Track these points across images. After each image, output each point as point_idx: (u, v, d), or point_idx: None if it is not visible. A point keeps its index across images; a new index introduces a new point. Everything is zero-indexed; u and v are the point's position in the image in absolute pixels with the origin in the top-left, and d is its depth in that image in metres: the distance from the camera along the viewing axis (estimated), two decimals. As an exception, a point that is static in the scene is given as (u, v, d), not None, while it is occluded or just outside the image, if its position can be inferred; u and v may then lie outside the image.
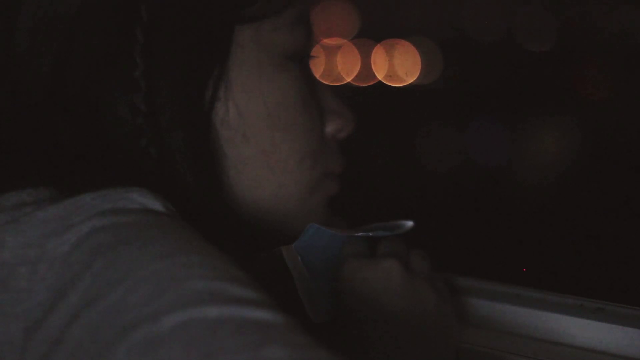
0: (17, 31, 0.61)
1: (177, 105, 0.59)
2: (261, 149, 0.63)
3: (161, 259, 0.45)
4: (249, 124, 0.63)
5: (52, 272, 0.47)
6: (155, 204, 0.52)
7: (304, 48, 0.67)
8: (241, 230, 0.64)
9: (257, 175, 0.64)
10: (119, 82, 0.59)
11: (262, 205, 0.65)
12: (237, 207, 0.64)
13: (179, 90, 0.59)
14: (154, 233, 0.49)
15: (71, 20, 0.60)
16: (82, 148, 0.59)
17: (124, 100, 0.58)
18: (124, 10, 0.59)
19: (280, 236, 0.68)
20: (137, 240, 0.47)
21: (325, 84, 0.71)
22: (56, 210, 0.51)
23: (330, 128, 0.69)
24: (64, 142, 0.59)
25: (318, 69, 0.75)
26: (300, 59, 0.67)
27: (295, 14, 0.65)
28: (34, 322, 0.46)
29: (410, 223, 0.75)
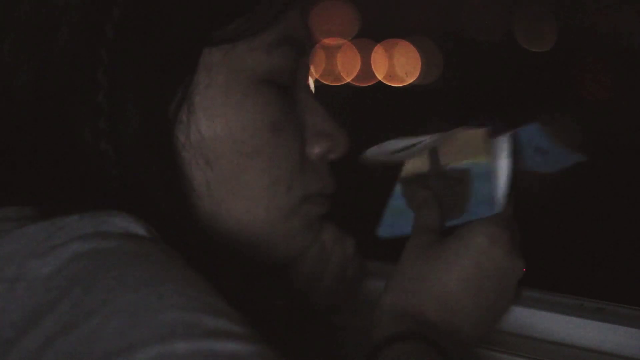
0: (3, 44, 0.62)
1: (138, 128, 0.59)
2: (225, 173, 0.62)
3: (136, 289, 0.46)
4: (212, 148, 0.61)
5: (30, 293, 0.47)
6: (137, 228, 0.51)
7: (285, 69, 0.64)
8: (216, 252, 0.63)
9: (221, 200, 0.62)
10: (83, 104, 0.58)
11: (231, 229, 0.63)
12: (208, 230, 0.63)
13: (140, 113, 0.59)
14: (131, 260, 0.48)
15: (46, 38, 0.60)
16: (57, 170, 0.59)
17: (87, 123, 0.58)
18: (89, 29, 0.59)
19: (259, 260, 0.67)
20: (116, 268, 0.47)
21: (318, 104, 0.69)
22: (36, 229, 0.51)
23: (317, 150, 0.67)
24: (42, 164, 0.59)
25: (318, 69, 0.75)
26: (281, 81, 0.65)
27: (276, 34, 0.63)
28: (5, 341, 0.46)
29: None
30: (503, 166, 0.68)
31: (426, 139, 0.69)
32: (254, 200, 0.64)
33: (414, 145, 0.70)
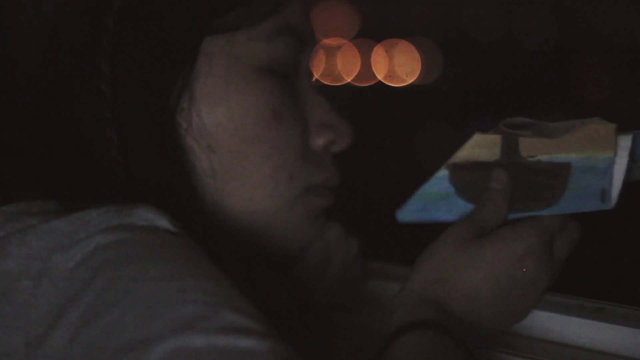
0: (13, 33, 0.63)
1: (141, 115, 0.59)
2: (227, 160, 0.63)
3: (157, 281, 0.46)
4: (214, 135, 0.62)
5: (55, 288, 0.48)
6: (161, 221, 0.52)
7: (286, 59, 0.65)
8: (221, 242, 0.63)
9: (225, 187, 0.62)
10: (88, 94, 0.59)
11: (235, 217, 0.63)
12: (213, 218, 0.63)
13: (143, 100, 0.59)
14: (154, 253, 0.49)
15: (50, 31, 0.60)
16: (65, 162, 0.59)
17: (92, 112, 0.59)
18: (91, 20, 0.60)
19: (263, 251, 0.67)
20: (137, 260, 0.48)
21: (321, 96, 0.69)
22: (62, 224, 0.51)
23: (321, 141, 0.68)
24: (49, 157, 0.60)
25: (318, 69, 0.75)
26: (282, 70, 0.65)
27: (277, 24, 0.64)
28: (35, 337, 0.46)
29: None
30: (622, 164, 0.68)
31: (546, 123, 0.69)
32: (256, 187, 0.64)
33: (531, 125, 0.70)
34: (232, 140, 0.63)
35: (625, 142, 0.68)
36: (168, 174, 0.60)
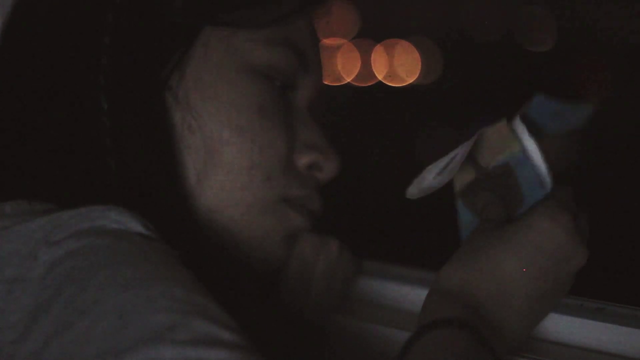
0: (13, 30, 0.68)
1: (131, 85, 0.61)
2: (205, 143, 0.64)
3: (126, 289, 0.46)
4: (196, 117, 0.63)
5: (27, 294, 0.48)
6: (133, 223, 0.52)
7: (283, 70, 0.67)
8: (198, 243, 0.63)
9: (199, 170, 0.64)
10: (85, 75, 0.61)
11: (210, 206, 0.65)
12: (188, 204, 0.64)
13: (135, 68, 0.62)
14: (124, 260, 0.49)
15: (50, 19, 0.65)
16: (55, 160, 0.60)
17: (89, 98, 0.60)
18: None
19: (239, 262, 0.67)
20: (108, 267, 0.48)
21: (315, 122, 0.70)
22: (34, 227, 0.51)
23: (306, 159, 0.68)
24: (41, 155, 0.61)
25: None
26: (279, 80, 0.67)
27: (279, 34, 0.66)
28: (7, 343, 0.46)
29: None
30: (531, 146, 0.68)
31: (457, 153, 0.69)
32: (231, 177, 0.64)
33: (448, 164, 0.70)
34: (215, 125, 0.64)
35: (518, 127, 0.69)
36: (150, 142, 0.62)
